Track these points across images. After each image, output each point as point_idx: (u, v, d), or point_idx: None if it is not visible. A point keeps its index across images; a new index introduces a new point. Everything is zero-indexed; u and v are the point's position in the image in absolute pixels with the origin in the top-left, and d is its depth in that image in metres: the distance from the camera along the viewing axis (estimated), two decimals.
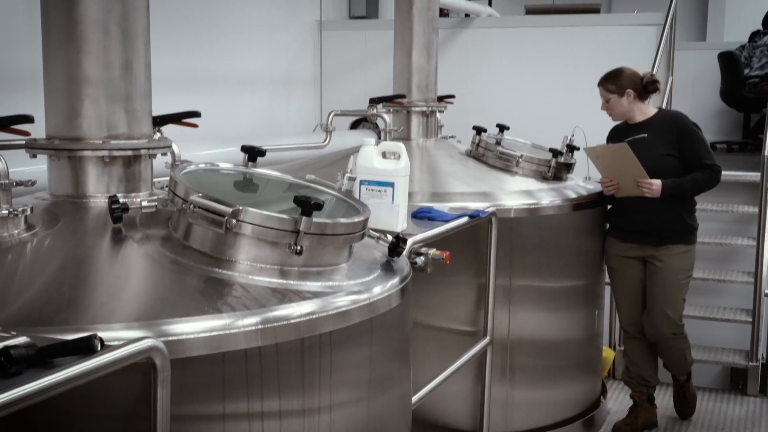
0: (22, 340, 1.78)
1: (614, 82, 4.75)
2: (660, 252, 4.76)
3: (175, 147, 3.01)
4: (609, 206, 4.94)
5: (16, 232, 2.44)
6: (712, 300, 6.15)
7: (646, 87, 4.76)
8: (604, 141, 4.88)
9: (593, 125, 4.88)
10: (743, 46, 8.75)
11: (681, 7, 7.69)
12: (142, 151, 2.66)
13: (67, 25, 2.53)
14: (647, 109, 4.84)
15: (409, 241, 3.24)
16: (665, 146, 4.70)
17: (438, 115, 5.17)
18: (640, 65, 4.52)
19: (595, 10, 7.47)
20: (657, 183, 4.61)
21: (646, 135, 4.74)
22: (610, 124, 4.91)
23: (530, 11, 7.70)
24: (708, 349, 6.05)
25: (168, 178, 2.59)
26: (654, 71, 6.19)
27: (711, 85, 8.65)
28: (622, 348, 5.49)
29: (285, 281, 2.39)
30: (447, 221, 3.85)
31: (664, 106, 6.72)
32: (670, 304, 4.79)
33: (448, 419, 4.36)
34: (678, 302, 4.84)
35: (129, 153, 2.63)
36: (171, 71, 5.55)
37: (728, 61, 8.49)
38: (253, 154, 2.93)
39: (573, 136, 4.99)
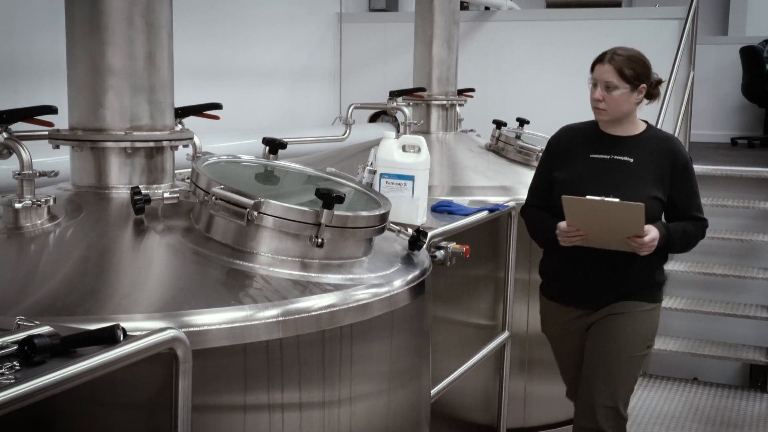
0: (45, 329, 1.80)
1: (632, 66, 3.32)
2: (614, 310, 3.38)
3: (196, 139, 3.02)
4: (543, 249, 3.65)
5: (39, 222, 2.46)
6: (731, 296, 6.12)
7: (649, 89, 3.40)
8: None
9: None
10: (766, 40, 8.70)
11: (703, 0, 7.63)
12: (165, 143, 2.68)
13: (92, 16, 2.54)
14: (638, 122, 3.47)
15: (429, 235, 3.24)
16: (655, 184, 3.33)
17: (458, 108, 5.16)
18: (662, 60, 4.22)
19: (616, 4, 7.41)
20: (655, 236, 3.21)
21: (631, 160, 3.35)
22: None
23: (551, 4, 7.65)
24: (727, 345, 6.02)
25: (190, 170, 2.61)
26: (676, 66, 6.14)
27: (733, 80, 8.59)
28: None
29: (306, 273, 2.40)
30: (467, 215, 3.84)
31: (685, 102, 6.65)
32: (619, 385, 3.37)
33: (466, 413, 4.36)
34: (630, 383, 3.43)
35: (151, 144, 2.64)
36: (193, 63, 5.57)
37: (750, 55, 8.44)
38: (274, 146, 2.94)
39: None
